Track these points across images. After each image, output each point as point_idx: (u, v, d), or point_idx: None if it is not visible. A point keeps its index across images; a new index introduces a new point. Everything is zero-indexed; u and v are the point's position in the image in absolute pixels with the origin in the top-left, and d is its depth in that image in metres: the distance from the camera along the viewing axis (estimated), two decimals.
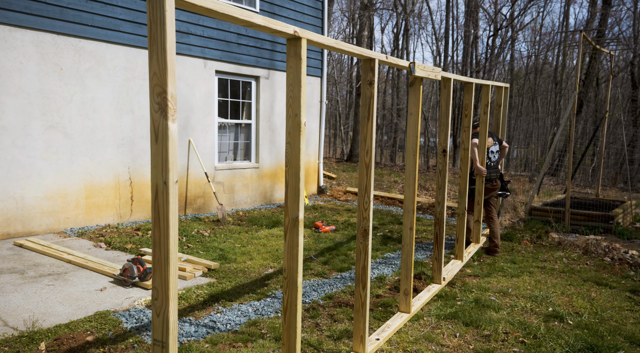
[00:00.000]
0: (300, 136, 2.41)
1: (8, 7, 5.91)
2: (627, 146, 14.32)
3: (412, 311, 4.02)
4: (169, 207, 1.80)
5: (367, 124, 3.21)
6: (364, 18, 20.62)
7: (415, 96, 3.94)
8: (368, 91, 3.20)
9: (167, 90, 1.76)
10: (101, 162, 6.97)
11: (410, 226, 3.97)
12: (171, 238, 1.82)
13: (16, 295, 4.20)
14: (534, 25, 24.61)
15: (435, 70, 4.16)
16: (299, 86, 2.41)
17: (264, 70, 9.23)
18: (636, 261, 5.95)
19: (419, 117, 3.95)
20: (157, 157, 1.80)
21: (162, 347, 1.87)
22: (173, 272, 1.84)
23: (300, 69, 2.40)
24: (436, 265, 4.71)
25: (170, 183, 1.78)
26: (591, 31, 17.92)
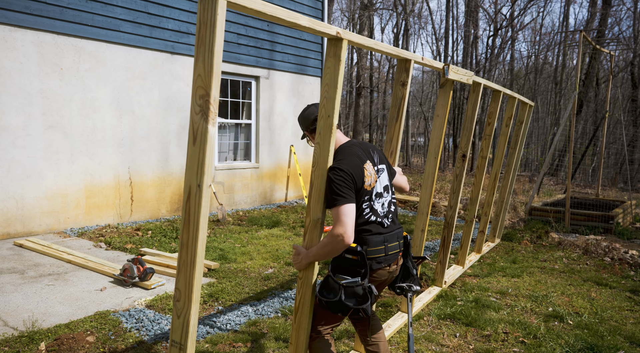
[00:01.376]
0: (331, 138, 2.35)
1: (8, 7, 5.91)
2: (627, 146, 14.32)
3: (413, 311, 4.01)
4: (200, 210, 1.78)
5: (395, 125, 3.10)
6: (364, 18, 20.61)
7: (444, 98, 3.79)
8: (400, 92, 3.10)
9: (211, 93, 1.74)
10: (101, 162, 6.97)
11: (422, 228, 3.92)
12: (199, 241, 1.80)
13: (16, 295, 4.20)
14: (534, 25, 24.62)
15: (468, 74, 4.01)
16: (335, 87, 2.35)
17: (264, 70, 9.23)
18: (636, 261, 5.95)
19: (445, 119, 3.80)
20: (194, 159, 1.78)
21: (179, 349, 1.85)
22: (198, 276, 1.82)
23: (338, 71, 2.34)
24: (440, 267, 4.67)
25: (204, 186, 1.77)
26: (591, 31, 17.92)
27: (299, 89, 10.03)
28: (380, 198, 2.44)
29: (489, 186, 6.08)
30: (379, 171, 2.49)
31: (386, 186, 2.51)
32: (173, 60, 7.71)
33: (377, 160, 2.52)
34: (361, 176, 2.32)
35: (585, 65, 17.94)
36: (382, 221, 2.42)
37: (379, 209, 2.41)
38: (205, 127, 1.75)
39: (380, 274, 2.41)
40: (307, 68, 10.15)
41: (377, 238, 2.36)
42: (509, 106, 5.86)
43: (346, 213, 2.18)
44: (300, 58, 9.94)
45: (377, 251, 2.36)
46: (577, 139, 14.96)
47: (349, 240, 2.14)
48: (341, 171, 2.27)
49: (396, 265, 2.50)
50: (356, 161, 2.34)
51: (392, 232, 2.45)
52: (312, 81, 10.33)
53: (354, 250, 2.28)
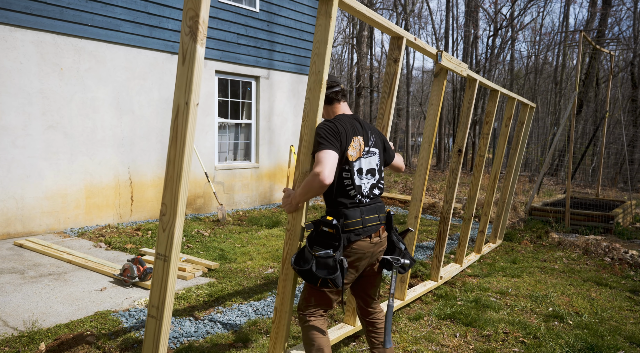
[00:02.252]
0: (320, 93, 2.47)
1: (8, 7, 5.91)
2: (627, 146, 14.32)
3: (406, 299, 4.07)
4: (187, 127, 1.87)
5: (387, 100, 3.19)
6: None
7: (438, 87, 3.91)
8: (392, 68, 3.19)
9: (200, 14, 1.81)
10: (101, 162, 6.97)
11: (415, 214, 3.98)
12: (185, 156, 1.90)
13: (16, 295, 4.20)
14: (534, 25, 24.62)
15: (462, 65, 4.08)
16: (325, 44, 2.45)
17: (264, 70, 9.23)
18: (636, 261, 5.95)
19: (439, 108, 3.91)
20: (182, 78, 1.87)
21: (164, 261, 1.94)
22: (183, 190, 1.92)
23: (328, 28, 2.44)
24: (436, 262, 4.70)
25: (191, 104, 1.85)
26: (591, 31, 17.92)
27: (299, 89, 10.02)
28: (363, 176, 2.52)
29: (488, 186, 6.08)
30: (369, 152, 2.57)
31: (373, 169, 2.58)
32: (173, 60, 7.71)
33: (371, 142, 2.60)
34: (347, 141, 2.44)
35: (585, 65, 17.94)
36: (362, 199, 2.51)
37: (362, 186, 2.51)
38: (194, 47, 1.84)
39: (361, 245, 2.47)
40: (307, 68, 10.14)
41: (354, 211, 2.46)
42: (509, 106, 5.87)
43: (327, 156, 2.28)
44: (300, 58, 9.94)
45: (355, 223, 2.45)
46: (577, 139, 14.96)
47: (326, 179, 2.22)
48: (331, 123, 2.44)
49: (379, 237, 2.55)
50: (348, 127, 2.47)
51: (370, 205, 2.53)
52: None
53: (330, 223, 2.38)
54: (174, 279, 1.98)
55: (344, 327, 3.37)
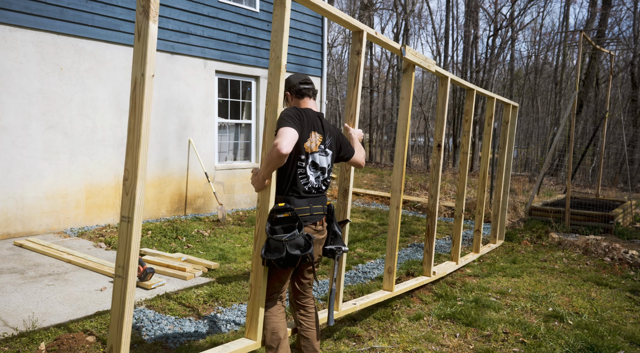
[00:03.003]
0: (280, 76, 2.64)
1: (8, 7, 5.91)
2: (627, 146, 14.32)
3: (395, 291, 4.11)
4: (143, 97, 2.04)
5: (353, 90, 3.41)
6: (364, 18, 20.61)
7: (407, 82, 4.07)
8: (355, 60, 3.40)
9: None
10: (101, 162, 6.97)
11: (397, 205, 4.06)
12: (143, 124, 2.06)
13: (16, 295, 4.20)
14: (534, 25, 24.62)
15: (429, 61, 4.21)
16: (282, 32, 2.64)
17: (264, 70, 9.23)
18: (636, 261, 5.95)
19: (410, 101, 4.06)
20: (138, 53, 2.04)
21: (128, 222, 2.10)
22: (143, 156, 2.09)
23: (284, 17, 2.63)
24: (427, 257, 4.75)
25: (147, 75, 2.03)
26: (591, 31, 17.92)
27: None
28: (316, 170, 2.73)
29: (479, 184, 6.10)
30: (324, 151, 2.77)
31: (323, 168, 2.78)
32: (173, 60, 7.71)
33: (328, 143, 2.80)
34: (307, 133, 2.65)
35: (585, 65, 17.94)
36: (311, 191, 2.72)
37: (312, 178, 2.71)
38: (147, 24, 2.01)
39: (307, 232, 2.67)
40: (307, 68, 10.14)
41: (302, 200, 2.68)
42: (489, 106, 5.94)
43: (287, 131, 2.47)
44: (300, 58, 9.94)
45: (303, 211, 2.67)
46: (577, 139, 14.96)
47: (283, 149, 2.40)
48: (297, 110, 2.65)
49: (322, 226, 2.79)
50: (310, 120, 2.68)
51: (316, 197, 2.76)
52: (312, 81, 10.33)
53: (284, 208, 2.58)
54: (138, 239, 2.12)
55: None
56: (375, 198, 10.76)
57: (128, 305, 2.11)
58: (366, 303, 3.77)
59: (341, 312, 3.51)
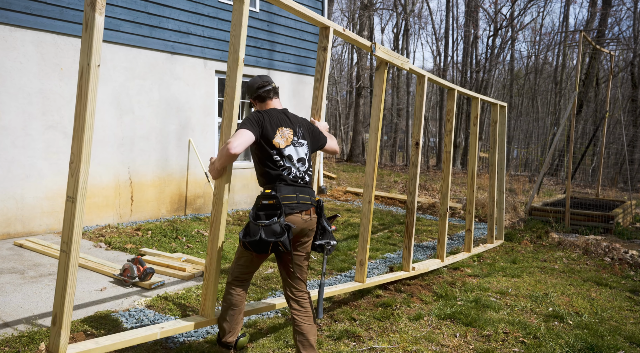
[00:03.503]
0: (238, 70, 2.80)
1: (8, 7, 5.91)
2: (627, 146, 14.32)
3: (366, 282, 4.23)
4: (89, 85, 2.18)
5: (319, 85, 3.52)
6: (364, 18, 20.60)
7: (380, 79, 4.19)
8: (322, 56, 3.51)
9: None
10: (101, 162, 6.97)
11: (369, 200, 4.17)
12: (88, 111, 2.21)
13: (16, 295, 4.20)
14: (534, 25, 24.62)
15: (402, 58, 4.31)
16: (240, 26, 2.78)
17: (264, 70, 9.23)
18: (636, 261, 5.96)
19: (382, 99, 4.20)
20: (85, 43, 2.19)
21: (72, 202, 2.26)
22: (87, 140, 2.23)
23: (242, 11, 2.78)
24: (405, 253, 4.86)
25: (92, 65, 2.17)
26: (591, 31, 17.92)
27: (299, 89, 10.02)
28: (292, 162, 2.86)
29: (468, 184, 6.11)
30: (299, 142, 2.92)
31: (302, 158, 2.92)
32: (173, 60, 7.71)
33: (300, 134, 2.95)
34: (273, 130, 2.81)
35: (585, 65, 17.94)
36: (296, 180, 2.86)
37: (292, 169, 2.85)
38: (93, 16, 2.15)
39: (293, 220, 2.77)
40: (308, 68, 10.15)
41: (289, 188, 2.80)
42: (473, 106, 5.98)
43: (242, 133, 2.68)
44: (300, 58, 9.94)
45: (290, 198, 2.77)
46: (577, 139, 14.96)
47: (232, 149, 2.62)
48: (259, 113, 2.83)
49: (309, 216, 2.85)
50: (274, 119, 2.85)
51: (304, 188, 2.87)
52: (312, 81, 10.33)
53: (270, 195, 2.72)
54: (80, 218, 2.30)
55: None
56: (375, 198, 10.77)
57: (70, 277, 2.34)
58: (333, 292, 3.91)
59: None
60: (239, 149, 2.62)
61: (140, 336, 2.71)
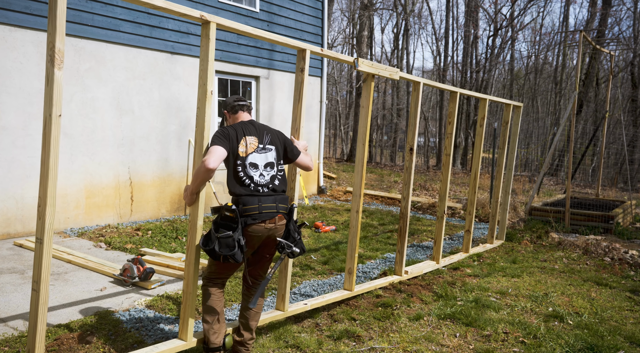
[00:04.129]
0: (207, 102, 2.92)
1: (8, 7, 5.91)
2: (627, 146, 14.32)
3: (355, 290, 4.27)
4: (51, 134, 2.34)
5: (297, 105, 3.60)
6: (364, 18, 20.61)
7: (367, 91, 4.22)
8: (299, 77, 3.59)
9: (56, 46, 2.33)
10: (101, 162, 6.96)
11: (357, 209, 4.21)
12: (51, 158, 2.35)
13: (16, 295, 4.20)
14: (534, 25, 24.62)
15: (390, 69, 4.33)
16: (207, 61, 2.91)
17: (264, 70, 9.23)
18: (636, 261, 5.96)
19: (369, 110, 4.23)
20: (47, 96, 2.35)
21: (40, 243, 2.38)
22: (51, 185, 2.37)
23: (208, 48, 2.90)
24: (398, 257, 4.89)
25: (54, 116, 2.34)
26: (591, 31, 17.92)
27: None
28: (260, 169, 2.99)
29: (470, 185, 6.10)
30: (264, 148, 3.04)
31: (271, 163, 3.05)
32: (173, 60, 7.71)
33: (266, 141, 3.07)
34: (238, 140, 2.95)
35: (585, 65, 17.94)
36: (260, 189, 2.97)
37: (255, 177, 2.97)
38: (53, 71, 2.33)
39: (255, 229, 2.93)
40: (308, 68, 10.14)
41: (251, 198, 2.92)
42: (481, 107, 5.96)
43: (214, 149, 2.82)
44: None
45: (252, 209, 2.90)
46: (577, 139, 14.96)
47: (209, 164, 2.74)
48: (224, 129, 2.98)
49: (273, 224, 2.98)
50: (238, 130, 2.99)
51: (269, 196, 2.98)
52: (312, 81, 10.33)
53: (230, 208, 2.85)
54: (49, 258, 2.41)
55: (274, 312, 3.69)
56: (375, 198, 10.77)
57: (41, 315, 2.43)
58: (319, 303, 3.91)
59: (289, 312, 3.67)
60: (215, 164, 2.76)
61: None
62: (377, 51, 29.01)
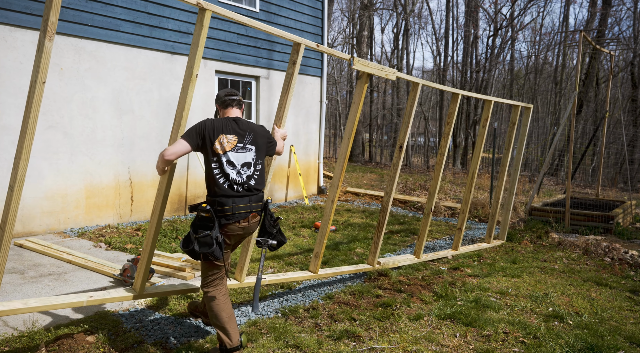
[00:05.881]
0: (191, 84, 3.06)
1: (8, 7, 5.91)
2: (627, 146, 14.33)
3: (319, 273, 4.51)
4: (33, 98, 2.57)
5: (285, 96, 3.67)
6: (364, 18, 20.61)
7: (359, 88, 4.27)
8: (291, 69, 3.68)
9: (49, 19, 2.50)
10: (101, 162, 6.96)
11: (332, 199, 4.38)
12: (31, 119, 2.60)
13: (16, 295, 4.20)
14: (534, 25, 24.62)
15: (387, 70, 4.33)
16: (197, 46, 3.06)
17: (264, 70, 9.23)
18: (636, 261, 5.96)
19: (360, 107, 4.26)
20: (36, 63, 2.57)
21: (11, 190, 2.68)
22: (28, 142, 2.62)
23: (200, 34, 3.06)
24: (373, 248, 5.07)
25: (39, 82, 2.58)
26: (591, 31, 17.92)
27: (299, 89, 10.02)
28: (237, 167, 3.03)
29: (467, 184, 6.11)
30: (243, 148, 3.07)
31: (249, 163, 3.09)
32: (173, 60, 7.71)
33: (248, 140, 3.09)
34: (214, 137, 2.99)
35: (585, 65, 17.94)
36: (235, 187, 3.02)
37: (232, 175, 3.00)
38: (44, 41, 2.53)
39: (231, 228, 3.03)
40: (307, 68, 10.15)
41: (225, 199, 2.98)
42: (486, 108, 5.97)
43: (180, 142, 2.94)
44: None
45: (226, 210, 2.97)
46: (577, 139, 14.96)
47: (165, 156, 2.88)
48: (201, 123, 3.02)
49: (247, 222, 3.07)
50: (219, 127, 3.03)
51: (243, 196, 3.04)
52: (312, 81, 10.33)
53: (205, 209, 2.92)
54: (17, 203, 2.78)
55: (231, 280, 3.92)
56: (375, 198, 10.76)
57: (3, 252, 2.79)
58: (279, 279, 4.17)
59: (244, 283, 3.93)
60: (172, 157, 2.90)
61: (67, 302, 3.10)
62: (377, 51, 29.03)
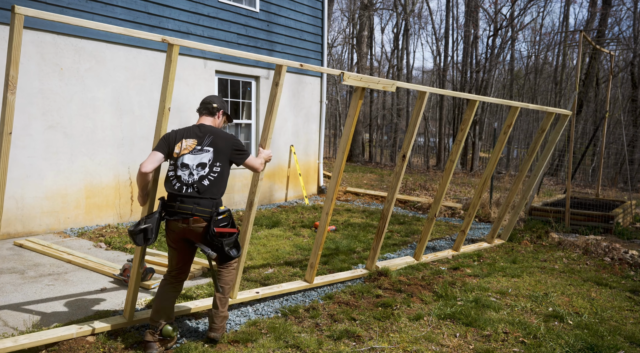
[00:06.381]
0: (163, 118, 3.27)
1: (8, 7, 5.91)
2: (627, 146, 14.33)
3: (314, 282, 4.53)
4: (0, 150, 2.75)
5: (270, 117, 3.76)
6: (364, 18, 20.62)
7: (355, 101, 4.23)
8: (274, 91, 3.72)
9: (10, 73, 2.73)
10: (101, 162, 6.96)
11: (327, 211, 4.40)
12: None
13: (16, 295, 4.20)
14: (534, 25, 24.62)
15: (384, 81, 4.24)
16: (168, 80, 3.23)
17: (264, 70, 9.23)
18: (636, 261, 5.96)
19: (355, 120, 4.21)
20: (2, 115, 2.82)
21: None
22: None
23: (170, 69, 3.21)
24: (372, 253, 5.11)
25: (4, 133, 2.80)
26: (591, 31, 17.93)
27: (298, 89, 10.02)
28: (188, 168, 3.20)
29: (478, 188, 6.06)
30: (200, 150, 3.25)
31: (204, 163, 3.23)
32: None
33: (206, 142, 3.27)
34: (175, 143, 3.25)
35: (585, 65, 17.95)
36: (184, 188, 3.18)
37: (183, 176, 3.19)
38: (7, 95, 2.76)
39: (173, 225, 3.21)
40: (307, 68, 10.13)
41: (173, 198, 3.18)
42: (511, 114, 5.81)
43: (152, 154, 3.16)
44: (300, 58, 9.94)
45: (171, 206, 3.18)
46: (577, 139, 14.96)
47: (142, 168, 3.07)
48: (168, 133, 3.30)
49: (187, 224, 3.16)
50: (182, 133, 3.29)
51: (191, 198, 3.16)
52: (312, 81, 10.33)
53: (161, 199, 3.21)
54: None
55: None
56: (375, 198, 10.77)
57: None
58: (273, 292, 4.19)
59: (237, 300, 3.95)
60: (149, 167, 3.08)
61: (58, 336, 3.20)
62: (377, 51, 29.04)
